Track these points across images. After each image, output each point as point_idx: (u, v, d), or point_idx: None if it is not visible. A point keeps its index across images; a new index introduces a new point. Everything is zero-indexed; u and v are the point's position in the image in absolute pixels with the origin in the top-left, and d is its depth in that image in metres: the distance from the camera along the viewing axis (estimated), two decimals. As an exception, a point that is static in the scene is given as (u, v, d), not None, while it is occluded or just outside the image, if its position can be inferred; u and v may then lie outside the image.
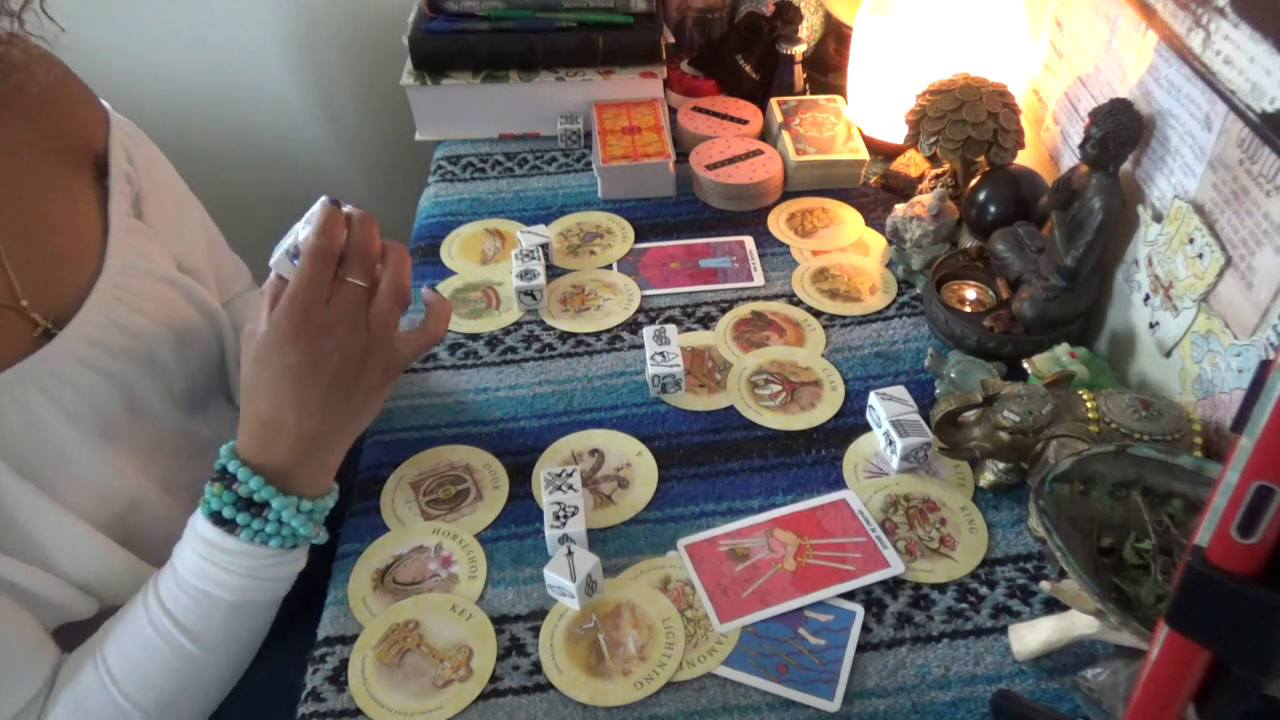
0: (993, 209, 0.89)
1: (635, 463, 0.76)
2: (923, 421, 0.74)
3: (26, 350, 0.64)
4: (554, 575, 0.65)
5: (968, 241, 0.92)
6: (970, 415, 0.71)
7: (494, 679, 0.63)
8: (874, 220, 1.00)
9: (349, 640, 0.65)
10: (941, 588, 0.67)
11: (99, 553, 0.66)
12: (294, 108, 1.46)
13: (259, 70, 1.41)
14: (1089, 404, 0.68)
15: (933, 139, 0.89)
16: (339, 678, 0.63)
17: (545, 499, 0.71)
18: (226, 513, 0.63)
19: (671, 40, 1.19)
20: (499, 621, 0.66)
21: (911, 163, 1.05)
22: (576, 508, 0.70)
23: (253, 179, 1.50)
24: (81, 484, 0.66)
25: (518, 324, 0.90)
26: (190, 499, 0.74)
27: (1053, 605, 0.65)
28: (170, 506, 0.73)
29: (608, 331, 0.89)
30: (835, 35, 1.17)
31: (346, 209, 0.65)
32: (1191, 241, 0.70)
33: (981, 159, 0.90)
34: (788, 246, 0.98)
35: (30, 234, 0.67)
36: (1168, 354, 0.74)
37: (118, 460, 0.69)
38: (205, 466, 0.76)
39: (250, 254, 0.95)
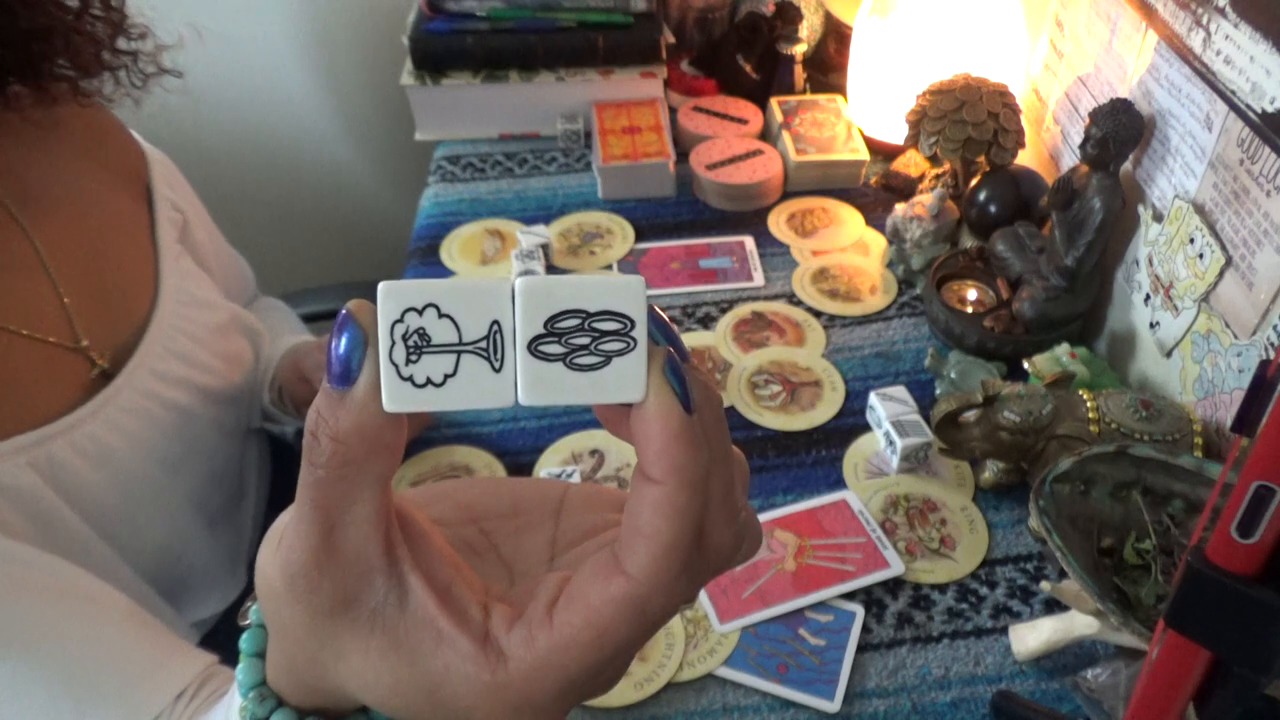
0: (993, 209, 0.89)
1: (635, 463, 0.76)
2: (923, 421, 0.74)
3: (85, 392, 0.62)
4: (554, 576, 0.65)
5: (968, 241, 0.92)
6: (970, 415, 0.71)
7: (494, 679, 0.63)
8: (874, 220, 1.00)
9: (349, 640, 0.65)
10: (942, 588, 0.67)
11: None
12: (293, 107, 1.46)
13: (258, 70, 1.41)
14: (1089, 404, 0.68)
15: (933, 139, 0.89)
16: (339, 678, 0.63)
17: (545, 499, 0.70)
18: None
19: (671, 40, 1.18)
20: (499, 621, 0.66)
21: (911, 163, 1.05)
22: (577, 508, 0.69)
23: (251, 177, 1.49)
24: (141, 526, 0.65)
25: (518, 324, 0.90)
26: (227, 537, 0.77)
27: (1053, 605, 0.65)
28: (212, 549, 0.73)
29: (608, 331, 0.88)
30: (835, 35, 1.17)
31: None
32: (1192, 241, 0.70)
33: (981, 159, 0.90)
34: (788, 246, 0.98)
35: (89, 271, 0.66)
36: (1168, 354, 0.74)
37: (175, 497, 0.69)
38: (242, 497, 0.80)
39: (244, 254, 0.95)
